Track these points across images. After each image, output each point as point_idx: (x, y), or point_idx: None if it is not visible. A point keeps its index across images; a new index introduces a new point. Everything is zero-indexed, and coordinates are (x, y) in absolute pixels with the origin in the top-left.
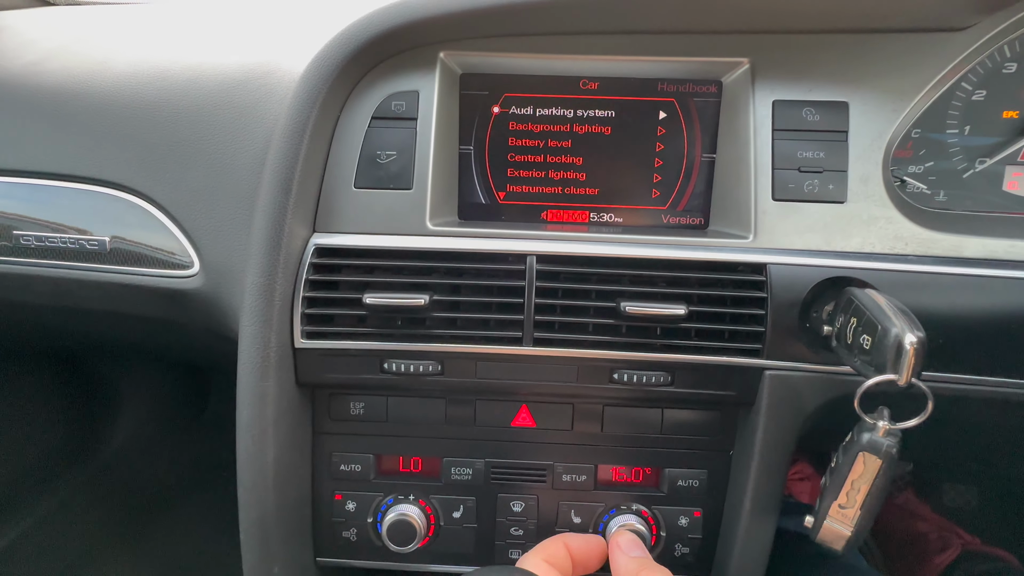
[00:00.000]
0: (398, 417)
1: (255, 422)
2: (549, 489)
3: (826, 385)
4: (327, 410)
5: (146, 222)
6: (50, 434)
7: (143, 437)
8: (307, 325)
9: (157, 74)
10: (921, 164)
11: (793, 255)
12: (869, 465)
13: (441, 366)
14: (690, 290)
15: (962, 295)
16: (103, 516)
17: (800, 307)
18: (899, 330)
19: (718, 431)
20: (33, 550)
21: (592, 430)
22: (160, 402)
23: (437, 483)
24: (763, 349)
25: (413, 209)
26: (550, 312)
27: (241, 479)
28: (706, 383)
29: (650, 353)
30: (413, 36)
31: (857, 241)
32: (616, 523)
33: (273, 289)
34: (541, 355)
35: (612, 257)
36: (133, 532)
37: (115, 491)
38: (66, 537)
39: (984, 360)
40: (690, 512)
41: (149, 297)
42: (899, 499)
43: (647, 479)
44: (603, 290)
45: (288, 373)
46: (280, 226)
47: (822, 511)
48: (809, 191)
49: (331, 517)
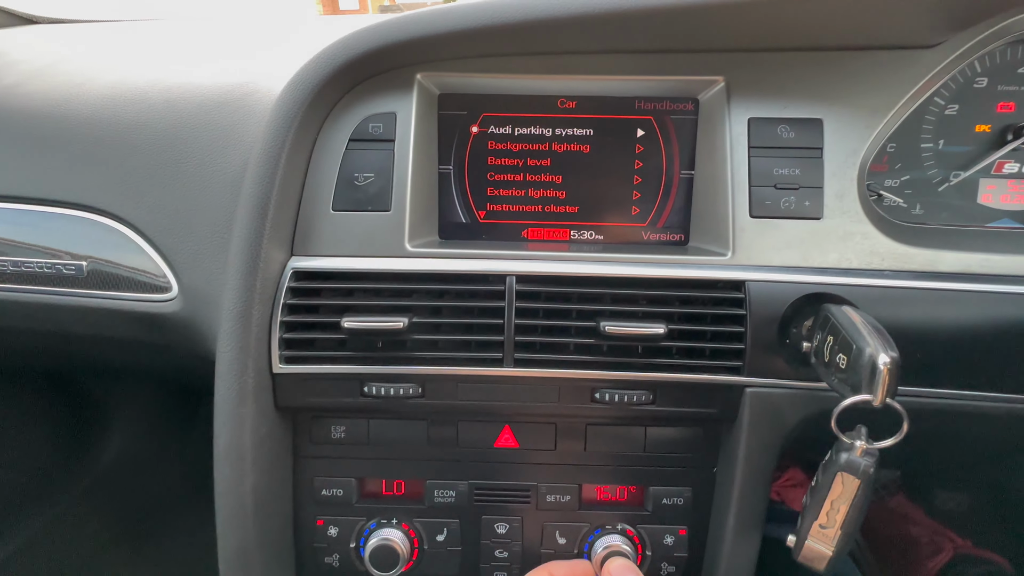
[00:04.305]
0: (380, 440)
1: (233, 449)
2: (533, 510)
3: (806, 401)
4: (308, 434)
5: (124, 246)
6: (39, 452)
7: (134, 454)
8: (285, 350)
9: (135, 96)
10: (897, 178)
11: (771, 271)
12: (848, 485)
13: (422, 388)
14: (670, 308)
15: (938, 310)
16: (95, 533)
17: (779, 323)
18: (873, 350)
19: (701, 448)
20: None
21: (575, 449)
22: (150, 419)
23: (420, 506)
24: (744, 366)
25: (392, 231)
26: (530, 332)
27: (219, 507)
28: (688, 401)
29: (631, 372)
30: (389, 58)
31: (834, 257)
32: (601, 543)
33: (250, 315)
34: (522, 376)
35: (592, 276)
36: (126, 548)
37: (106, 508)
38: (57, 555)
39: (961, 374)
40: (675, 530)
41: (128, 321)
42: (891, 503)
43: (632, 497)
44: (583, 310)
45: (267, 398)
46: (256, 251)
47: (803, 530)
48: (786, 208)
49: (313, 543)
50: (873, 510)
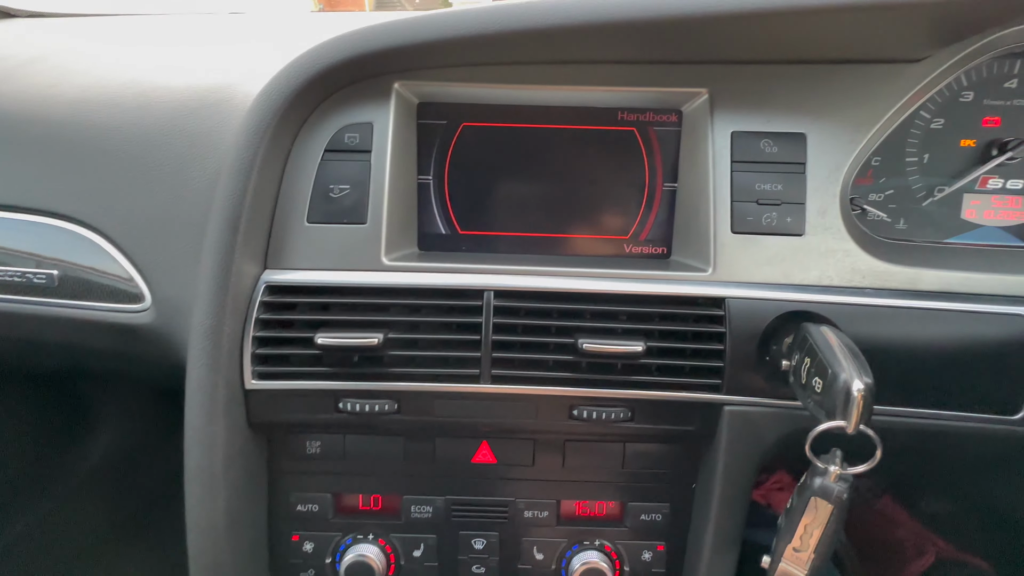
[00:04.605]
0: (356, 455)
1: (204, 468)
2: (511, 525)
3: (785, 420)
4: (283, 449)
5: (96, 255)
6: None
7: (120, 454)
8: (258, 365)
9: (108, 100)
10: (881, 192)
11: (752, 288)
12: (821, 510)
13: (398, 404)
14: (650, 324)
15: (917, 328)
16: (81, 533)
17: (759, 341)
18: (847, 376)
19: (680, 464)
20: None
21: (554, 466)
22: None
23: (397, 521)
24: (722, 384)
25: (368, 244)
26: (508, 349)
27: (191, 525)
28: (666, 418)
29: (609, 389)
30: (365, 67)
31: (815, 274)
32: (579, 559)
33: (220, 331)
34: (499, 392)
35: (570, 292)
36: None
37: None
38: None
39: (938, 393)
40: (653, 546)
41: (100, 331)
42: (877, 506)
43: (610, 513)
44: (561, 326)
45: (239, 415)
46: (228, 265)
47: (777, 553)
48: (767, 224)
49: (288, 558)
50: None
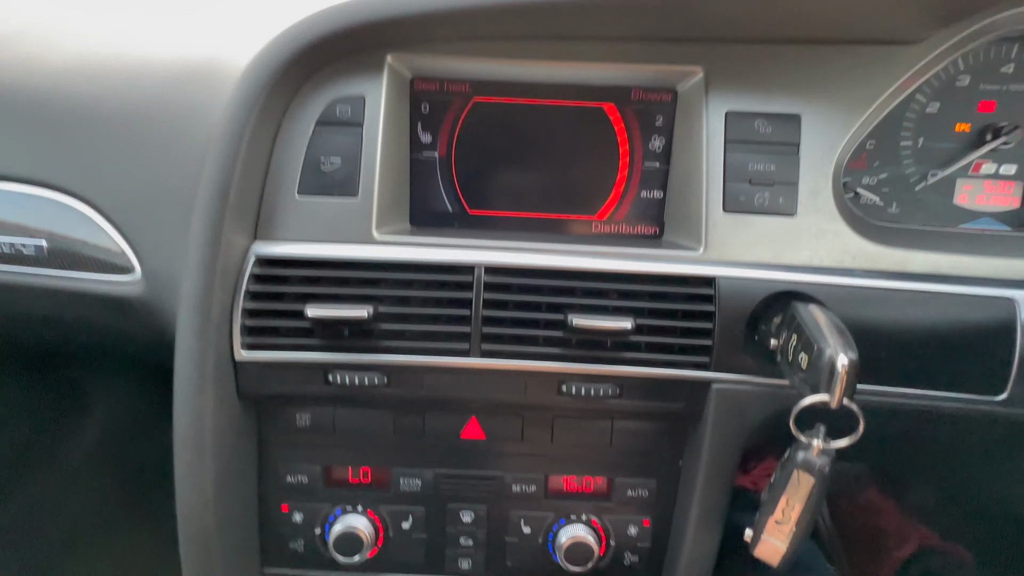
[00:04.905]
0: (346, 429)
1: (193, 439)
2: (499, 499)
3: (771, 399)
4: (273, 422)
5: (85, 226)
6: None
7: (113, 438)
8: (247, 337)
9: (96, 71)
10: (875, 175)
11: (742, 268)
12: (803, 483)
13: (388, 378)
14: (640, 302)
15: (905, 310)
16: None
17: (748, 320)
18: (832, 351)
19: (667, 441)
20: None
21: (542, 441)
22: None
23: (386, 493)
24: (711, 362)
25: (359, 217)
26: (498, 324)
27: (180, 495)
28: (654, 396)
29: (599, 366)
30: (357, 40)
31: (806, 255)
32: (566, 533)
33: (210, 302)
34: (489, 367)
35: (561, 269)
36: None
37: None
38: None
39: (923, 374)
40: (639, 521)
41: (90, 303)
42: (862, 495)
43: (597, 488)
44: (552, 302)
45: (228, 386)
46: (217, 236)
47: (759, 526)
48: (759, 204)
49: (278, 528)
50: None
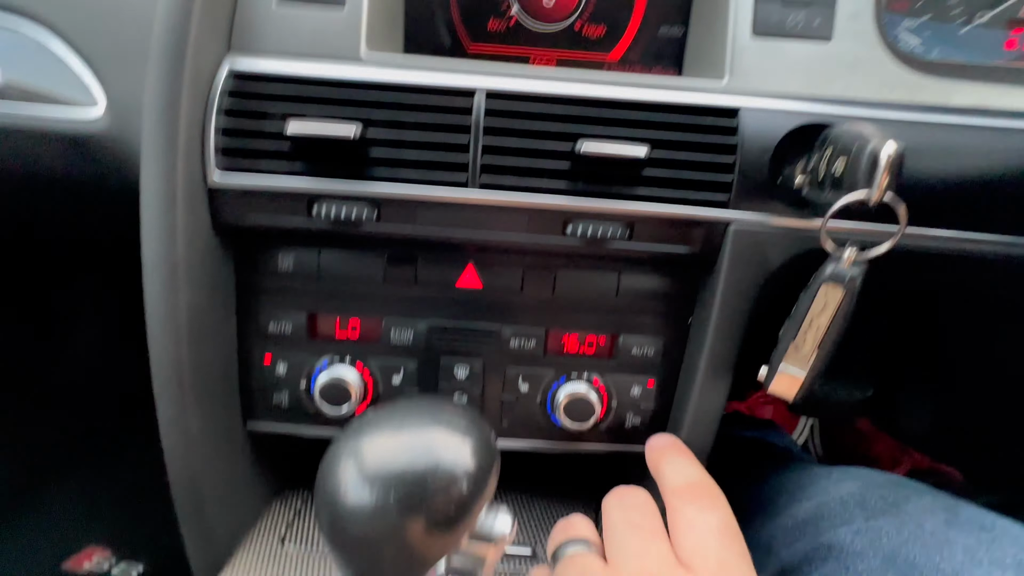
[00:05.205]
0: (332, 274)
1: (163, 262)
2: (496, 354)
3: (793, 241)
4: (253, 264)
5: (42, 53)
6: None
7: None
8: (222, 158)
9: None
10: (917, 18)
11: (770, 99)
12: (831, 297)
13: (377, 212)
14: (655, 133)
15: (947, 145)
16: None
17: (772, 155)
18: (877, 142)
19: (676, 298)
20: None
21: (543, 293)
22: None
23: (376, 346)
24: (729, 200)
25: (345, 32)
26: (499, 153)
27: (151, 326)
28: (666, 238)
29: (608, 202)
30: None
31: (840, 85)
32: (565, 391)
33: (176, 114)
34: (488, 202)
35: (571, 96)
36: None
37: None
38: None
39: (964, 215)
40: (643, 381)
41: (52, 146)
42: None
43: (600, 347)
44: (558, 131)
45: (202, 214)
46: (183, 37)
47: (776, 357)
48: (792, 26)
49: (261, 380)
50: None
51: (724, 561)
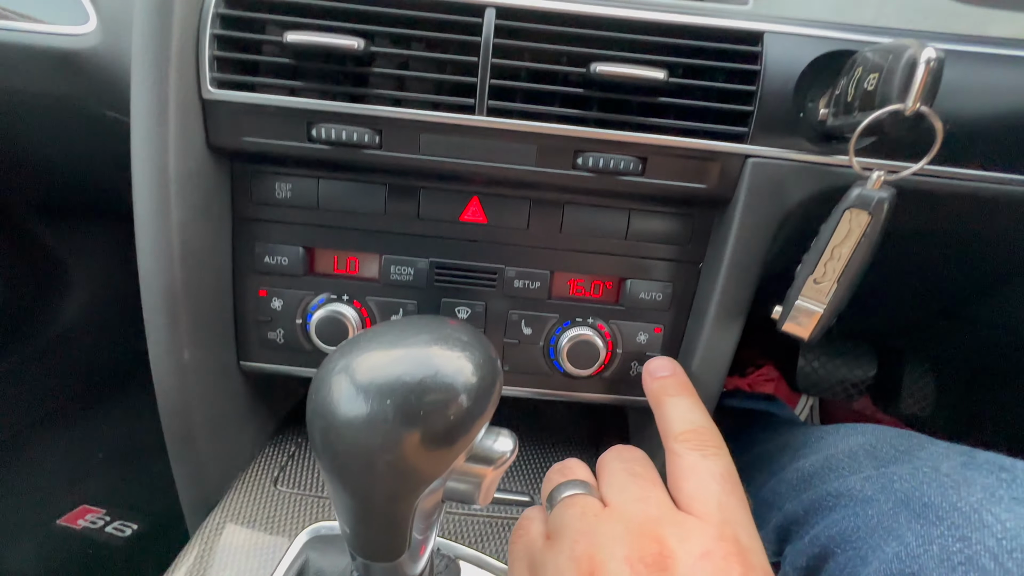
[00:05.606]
0: (331, 204)
1: (154, 177)
2: (499, 296)
3: (815, 176)
4: (249, 192)
5: None
6: None
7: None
8: (217, 72)
9: None
10: None
11: (796, 25)
12: (855, 224)
13: (379, 136)
14: (674, 58)
15: (981, 78)
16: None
17: (796, 85)
18: (915, 49)
19: (688, 240)
20: None
21: (550, 231)
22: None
23: (375, 284)
24: (748, 133)
25: None
26: (509, 76)
27: (141, 245)
28: (681, 173)
29: (621, 131)
30: None
31: (871, 12)
32: (568, 336)
33: (169, 15)
34: (495, 128)
35: (586, 15)
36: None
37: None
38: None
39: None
40: (650, 328)
41: (41, 63)
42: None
43: (606, 292)
44: (572, 52)
45: (196, 130)
46: None
47: (793, 293)
48: None
49: (256, 316)
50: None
51: (724, 505)
